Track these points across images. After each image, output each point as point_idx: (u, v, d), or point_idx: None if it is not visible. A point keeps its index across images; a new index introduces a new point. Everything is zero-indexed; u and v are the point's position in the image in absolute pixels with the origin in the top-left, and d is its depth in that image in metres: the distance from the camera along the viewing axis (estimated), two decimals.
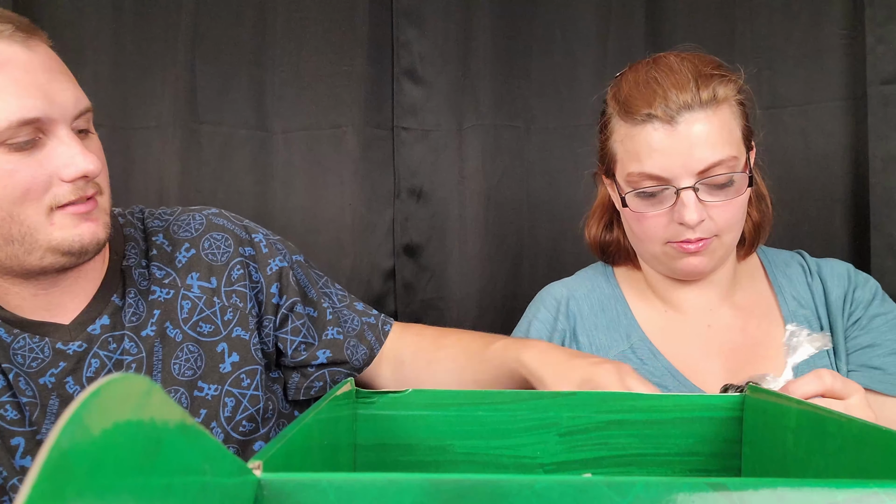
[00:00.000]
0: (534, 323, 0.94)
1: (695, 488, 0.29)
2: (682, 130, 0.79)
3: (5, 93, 0.65)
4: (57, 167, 0.68)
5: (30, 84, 0.67)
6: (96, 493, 0.20)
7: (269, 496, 0.31)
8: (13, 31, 0.67)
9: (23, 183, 0.67)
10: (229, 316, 0.82)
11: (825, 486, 0.29)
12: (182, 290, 0.82)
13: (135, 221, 0.86)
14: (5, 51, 0.66)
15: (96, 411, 0.20)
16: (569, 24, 1.32)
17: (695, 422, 0.57)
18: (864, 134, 1.18)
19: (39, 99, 0.67)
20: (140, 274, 0.81)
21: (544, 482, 0.29)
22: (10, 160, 0.66)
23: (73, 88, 0.71)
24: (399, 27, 1.33)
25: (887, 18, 1.15)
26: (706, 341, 0.90)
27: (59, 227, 0.70)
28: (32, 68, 0.67)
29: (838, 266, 0.93)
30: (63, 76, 0.71)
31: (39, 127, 0.67)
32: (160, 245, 0.84)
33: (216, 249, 0.84)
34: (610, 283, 0.97)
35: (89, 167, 0.68)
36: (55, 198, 0.69)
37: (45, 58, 0.70)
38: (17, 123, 0.65)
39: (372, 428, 0.57)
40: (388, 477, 0.30)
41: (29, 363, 0.75)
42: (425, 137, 1.33)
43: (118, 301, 0.79)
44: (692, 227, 0.81)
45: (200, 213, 0.87)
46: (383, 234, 1.34)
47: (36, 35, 0.70)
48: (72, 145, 0.68)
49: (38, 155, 0.68)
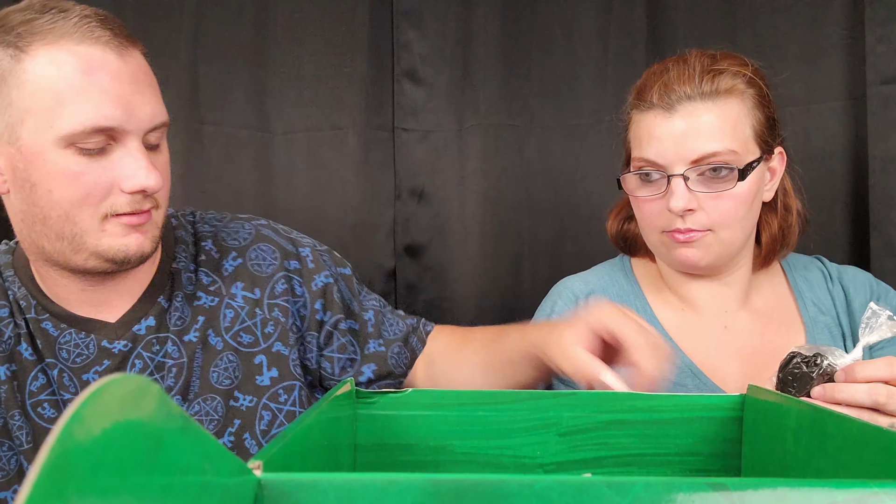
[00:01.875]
0: (552, 317, 0.92)
1: (695, 488, 0.29)
2: (680, 119, 0.81)
3: (88, 97, 0.66)
4: (120, 177, 0.69)
5: (113, 93, 0.67)
6: (97, 492, 0.20)
7: (269, 496, 0.31)
8: (110, 38, 0.68)
9: (85, 186, 0.68)
10: (270, 329, 0.82)
11: (825, 487, 0.29)
12: (226, 298, 0.82)
13: (186, 224, 0.86)
14: (98, 56, 0.67)
15: (97, 411, 0.20)
16: (569, 24, 1.32)
17: (695, 422, 0.57)
18: (864, 134, 1.18)
19: (119, 109, 0.68)
20: (188, 278, 0.82)
21: (544, 482, 0.29)
22: (77, 162, 0.67)
23: (155, 102, 0.72)
24: (399, 28, 1.33)
25: (887, 18, 1.15)
26: (723, 342, 0.90)
27: (108, 234, 0.70)
28: (120, 77, 0.68)
29: (860, 274, 0.94)
30: (148, 89, 0.72)
31: (112, 135, 0.68)
32: (209, 251, 0.84)
33: (262, 261, 0.84)
34: (628, 279, 0.95)
35: (150, 183, 0.69)
36: (112, 206, 0.70)
37: (136, 68, 0.71)
38: (91, 129, 0.66)
39: (372, 428, 0.57)
40: (388, 477, 0.30)
41: (74, 358, 0.76)
42: (426, 138, 1.34)
43: (164, 303, 0.80)
44: (679, 215, 0.82)
45: (250, 223, 0.87)
46: (385, 234, 1.34)
47: (132, 45, 0.71)
48: (139, 158, 0.69)
49: (105, 161, 0.69)
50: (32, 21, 0.67)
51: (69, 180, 0.67)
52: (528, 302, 1.32)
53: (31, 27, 0.66)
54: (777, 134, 0.87)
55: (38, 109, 0.66)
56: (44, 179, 0.68)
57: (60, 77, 0.66)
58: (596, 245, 1.29)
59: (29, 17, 0.67)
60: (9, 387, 0.74)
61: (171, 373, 0.78)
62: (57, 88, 0.66)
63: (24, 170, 0.68)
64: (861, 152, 1.20)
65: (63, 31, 0.67)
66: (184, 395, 0.78)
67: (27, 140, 0.67)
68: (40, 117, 0.66)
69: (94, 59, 0.67)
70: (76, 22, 0.67)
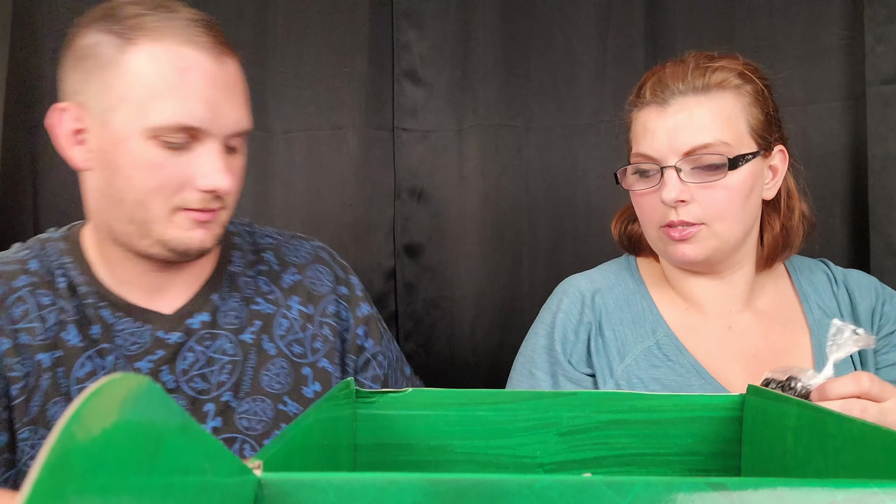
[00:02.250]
0: (559, 315, 0.92)
1: (694, 488, 0.29)
2: (673, 113, 0.84)
3: (178, 96, 0.70)
4: (196, 174, 0.73)
5: (203, 95, 0.71)
6: (97, 491, 0.20)
7: (269, 496, 0.31)
8: (210, 44, 0.72)
9: (162, 177, 0.72)
10: (318, 345, 0.86)
11: (825, 486, 0.29)
12: (283, 308, 0.86)
13: (243, 233, 0.91)
14: (195, 58, 0.71)
15: (97, 410, 0.20)
16: (568, 24, 1.32)
17: (695, 421, 0.57)
18: (864, 134, 1.18)
19: (205, 111, 0.71)
20: (246, 282, 0.86)
21: (544, 482, 0.29)
22: (159, 154, 0.71)
23: (240, 109, 0.75)
24: (399, 28, 1.33)
25: (887, 18, 1.15)
26: (727, 343, 0.90)
27: (175, 226, 0.74)
28: (212, 81, 0.72)
29: (865, 278, 0.94)
30: (237, 96, 0.75)
31: (195, 134, 0.72)
32: (270, 263, 0.89)
33: (318, 281, 0.89)
34: (634, 278, 0.95)
35: (222, 185, 0.73)
36: (183, 200, 0.73)
37: (229, 75, 0.74)
38: (176, 126, 0.70)
39: (372, 428, 0.57)
40: (387, 477, 0.30)
41: (128, 346, 0.79)
42: (425, 138, 1.34)
43: (218, 301, 0.83)
44: (672, 206, 0.83)
45: (309, 243, 0.93)
46: (384, 234, 1.34)
47: (230, 53, 0.75)
48: (216, 160, 0.73)
49: (184, 157, 0.72)
50: (142, 17, 0.71)
51: (149, 170, 0.71)
52: (526, 301, 1.32)
53: (140, 22, 0.71)
54: (777, 132, 0.88)
55: (131, 99, 0.70)
56: (126, 165, 0.72)
57: (157, 73, 0.70)
58: (595, 245, 1.29)
59: (140, 12, 0.72)
60: (51, 374, 0.76)
61: (224, 369, 0.81)
62: (152, 83, 0.70)
63: (109, 152, 0.72)
64: (860, 152, 1.20)
65: (168, 30, 0.71)
66: (235, 392, 0.81)
67: (117, 126, 0.71)
68: (132, 107, 0.70)
69: (190, 60, 0.71)
70: (181, 24, 0.72)
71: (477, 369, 1.31)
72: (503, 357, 1.28)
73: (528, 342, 0.95)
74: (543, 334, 0.92)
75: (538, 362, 0.91)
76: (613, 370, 0.88)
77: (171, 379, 0.79)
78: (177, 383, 0.80)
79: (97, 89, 0.72)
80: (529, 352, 0.93)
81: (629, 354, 0.89)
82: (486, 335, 1.33)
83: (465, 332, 1.33)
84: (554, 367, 0.90)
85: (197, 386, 0.80)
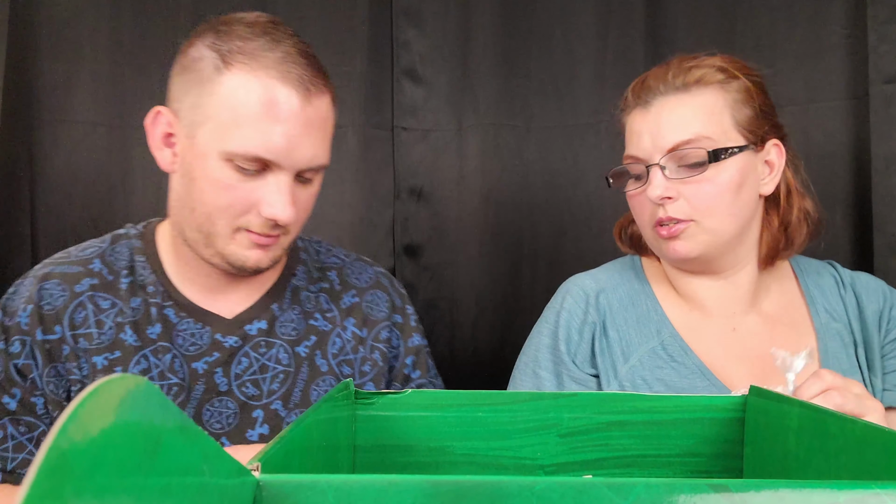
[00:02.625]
0: (562, 314, 0.92)
1: (696, 489, 0.29)
2: (654, 112, 0.85)
3: (259, 128, 0.73)
4: (262, 201, 0.75)
5: (282, 131, 0.73)
6: (95, 492, 0.19)
7: (267, 497, 0.30)
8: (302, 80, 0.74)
9: (231, 198, 0.75)
10: (367, 368, 0.88)
11: (827, 487, 0.29)
12: (338, 327, 0.89)
13: (311, 249, 0.94)
14: (284, 95, 0.73)
15: (95, 411, 0.20)
16: (568, 24, 1.32)
17: (696, 423, 0.57)
18: (867, 133, 1.18)
19: (282, 146, 0.74)
20: (307, 297, 0.89)
21: (544, 483, 0.29)
22: (232, 176, 0.74)
23: (318, 148, 0.78)
24: (399, 27, 1.32)
25: (890, 17, 1.15)
26: (732, 344, 0.89)
27: (235, 243, 0.78)
28: (294, 118, 0.74)
29: (873, 281, 0.94)
30: (318, 133, 0.77)
31: (267, 164, 0.75)
32: (332, 282, 0.92)
33: (375, 306, 0.91)
34: (640, 279, 0.95)
35: (284, 218, 0.75)
36: (247, 222, 0.77)
37: (314, 113, 0.76)
38: (251, 156, 0.73)
39: (371, 429, 0.57)
40: (387, 478, 0.30)
41: (188, 346, 0.82)
42: (425, 137, 1.33)
43: (277, 311, 0.86)
44: (658, 204, 0.84)
45: (372, 269, 0.96)
46: (384, 234, 1.33)
47: (322, 90, 0.77)
48: (284, 192, 0.75)
49: (255, 183, 0.75)
50: (246, 41, 0.74)
51: (220, 189, 0.75)
52: (526, 301, 1.32)
53: (243, 47, 0.74)
54: (769, 127, 0.87)
55: (217, 120, 0.74)
56: (201, 178, 0.75)
57: (245, 103, 0.73)
58: (595, 245, 1.29)
59: (246, 35, 0.75)
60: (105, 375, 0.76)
61: (277, 378, 0.83)
62: (238, 111, 0.73)
63: (190, 163, 0.76)
64: (863, 152, 1.20)
65: (266, 62, 0.74)
66: (284, 402, 0.83)
67: (200, 141, 0.75)
68: (217, 128, 0.74)
69: (279, 95, 0.73)
70: (279, 57, 0.74)
71: (477, 370, 1.31)
72: (503, 357, 1.28)
73: (531, 341, 0.94)
74: (547, 333, 0.92)
75: (542, 362, 0.90)
76: (618, 371, 0.88)
77: (224, 382, 0.82)
78: (229, 386, 0.82)
79: (192, 102, 0.75)
80: (533, 351, 0.92)
81: (633, 355, 0.88)
82: (487, 335, 1.33)
83: (465, 333, 1.33)
84: (558, 366, 0.89)
85: (248, 391, 0.83)
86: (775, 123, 0.89)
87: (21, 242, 1.23)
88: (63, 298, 0.80)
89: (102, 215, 1.27)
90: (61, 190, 1.25)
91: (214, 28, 0.77)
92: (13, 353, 0.78)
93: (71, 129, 1.26)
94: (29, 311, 0.78)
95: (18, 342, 0.78)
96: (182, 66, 0.78)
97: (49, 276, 0.81)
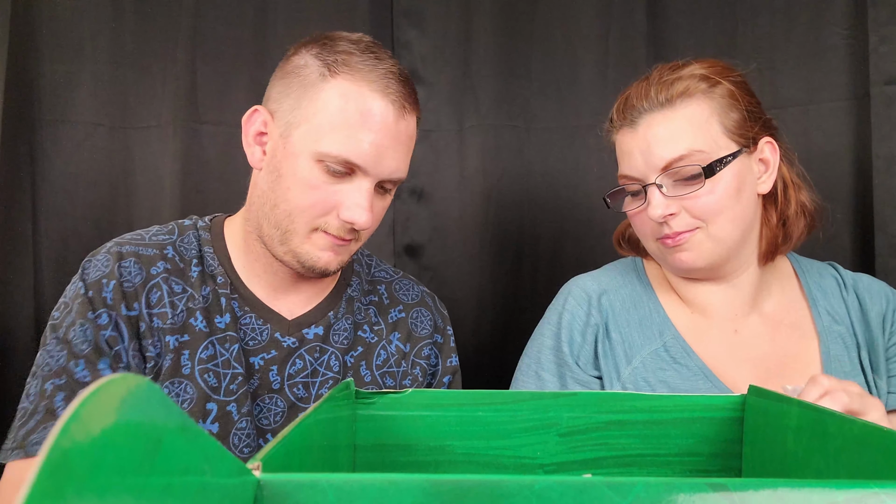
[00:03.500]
0: (564, 315, 0.91)
1: (695, 489, 0.29)
2: (642, 132, 0.85)
3: (352, 135, 0.77)
4: (342, 204, 0.79)
5: (374, 141, 0.78)
6: (96, 492, 0.19)
7: (268, 496, 0.30)
8: (398, 97, 0.79)
9: (314, 197, 0.79)
10: (407, 382, 0.91)
11: (826, 487, 0.29)
12: (384, 340, 0.92)
13: (363, 262, 0.98)
14: (380, 108, 0.78)
15: (97, 410, 0.20)
16: (569, 24, 1.32)
17: (695, 422, 0.57)
18: (867, 134, 1.18)
19: (371, 155, 0.78)
20: (359, 308, 0.92)
21: (544, 483, 0.29)
22: (319, 177, 0.78)
23: (402, 161, 0.82)
24: (399, 27, 1.33)
25: (890, 18, 1.15)
26: (734, 346, 0.89)
27: (310, 243, 0.81)
28: (386, 130, 0.79)
29: (876, 283, 0.93)
30: (403, 148, 0.82)
31: (353, 169, 0.78)
32: (382, 295, 0.95)
33: (419, 323, 0.95)
34: (642, 281, 0.95)
35: (359, 221, 0.79)
36: (325, 223, 0.80)
37: (403, 129, 0.81)
38: (341, 160, 0.77)
39: (371, 428, 0.57)
40: (387, 477, 0.30)
41: (248, 340, 0.84)
42: (426, 138, 1.33)
43: (332, 318, 0.89)
44: (659, 223, 0.84)
45: (418, 287, 0.99)
46: (384, 234, 1.34)
47: (411, 110, 0.82)
48: (363, 198, 0.79)
49: (338, 185, 0.79)
50: (351, 55, 0.79)
51: (306, 187, 0.78)
52: (527, 302, 1.32)
53: (348, 59, 0.79)
54: (759, 126, 0.87)
55: (314, 123, 0.78)
56: (289, 177, 0.79)
57: (343, 109, 0.77)
58: (595, 245, 1.29)
59: (351, 50, 0.79)
60: (175, 356, 0.80)
61: (326, 383, 0.86)
62: (336, 115, 0.77)
63: (280, 162, 0.80)
64: (864, 152, 1.20)
65: (368, 75, 0.78)
66: None
67: (294, 141, 0.79)
68: (312, 130, 0.78)
69: (375, 108, 0.78)
70: (380, 74, 0.79)
71: (478, 370, 1.31)
72: (504, 357, 1.28)
73: (533, 343, 0.94)
74: (550, 335, 0.91)
75: (545, 363, 0.90)
76: (620, 373, 0.87)
77: (278, 380, 0.84)
78: (281, 385, 0.84)
79: (291, 105, 0.80)
80: (535, 353, 0.92)
81: (636, 357, 0.88)
82: (487, 335, 1.33)
83: (466, 333, 1.33)
84: (562, 368, 0.89)
85: (298, 392, 0.85)
86: (765, 121, 0.88)
87: (22, 242, 1.23)
88: (140, 277, 0.82)
89: (103, 215, 1.27)
90: (62, 190, 1.25)
91: (319, 41, 0.82)
92: (101, 325, 0.79)
93: (72, 130, 1.26)
94: (112, 287, 0.80)
95: (106, 315, 0.79)
96: (285, 71, 0.83)
97: (125, 254, 0.83)
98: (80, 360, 0.77)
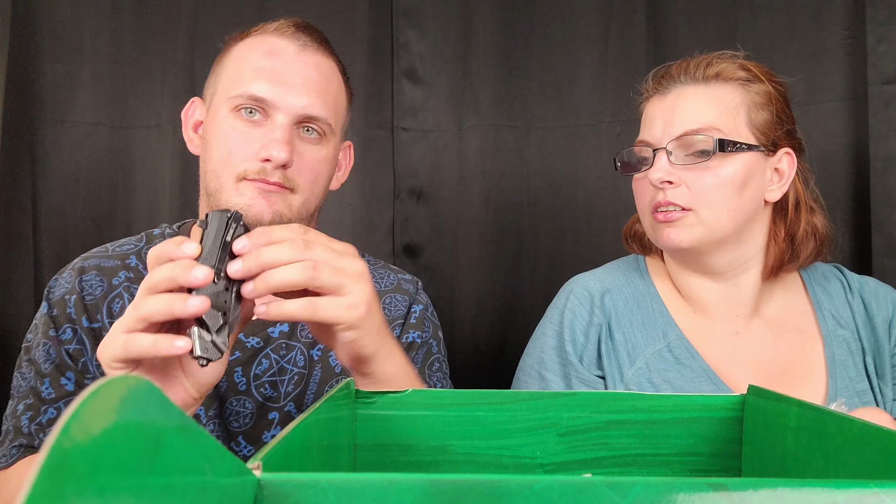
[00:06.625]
0: (567, 314, 0.90)
1: (695, 488, 0.29)
2: (671, 100, 0.86)
3: (257, 72, 0.79)
4: (259, 145, 0.78)
5: (277, 72, 0.79)
6: (96, 492, 0.19)
7: (268, 496, 0.30)
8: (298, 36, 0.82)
9: (231, 144, 0.79)
10: None
11: (825, 487, 0.29)
12: None
13: None
14: (281, 45, 0.81)
15: (97, 410, 0.20)
16: (569, 24, 1.32)
17: (695, 422, 0.57)
18: (866, 134, 1.18)
19: (276, 86, 0.79)
20: None
21: (544, 482, 0.29)
22: (234, 124, 0.79)
23: (314, 97, 0.81)
24: (399, 27, 1.33)
25: (889, 18, 1.15)
26: (736, 348, 0.89)
27: (238, 194, 0.79)
28: (290, 63, 0.80)
29: (882, 288, 0.93)
30: (315, 84, 0.82)
31: (265, 109, 0.79)
32: None
33: (393, 308, 0.92)
34: (644, 280, 0.94)
35: (274, 154, 0.77)
36: (245, 170, 0.79)
37: (312, 65, 0.82)
38: (247, 96, 0.79)
39: (371, 428, 0.57)
40: (387, 477, 0.30)
41: None
42: (425, 138, 1.33)
43: None
44: (658, 187, 0.84)
45: (395, 275, 0.96)
46: (383, 234, 1.34)
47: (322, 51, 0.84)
48: (277, 133, 0.79)
49: (255, 131, 0.79)
50: (262, 27, 0.84)
51: (224, 139, 0.79)
52: (527, 302, 1.32)
53: (255, 29, 0.84)
54: (784, 134, 0.87)
55: (224, 79, 0.82)
56: (211, 136, 0.81)
57: (247, 57, 0.81)
58: (595, 245, 1.29)
59: (262, 26, 0.84)
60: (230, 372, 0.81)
61: (292, 380, 0.84)
62: (241, 64, 0.81)
63: (206, 129, 0.83)
64: (862, 153, 1.20)
65: (268, 28, 0.83)
66: (297, 404, 0.84)
67: (215, 105, 0.82)
68: (225, 85, 0.81)
69: (276, 46, 0.81)
70: (280, 23, 0.83)
71: (477, 369, 1.31)
72: (504, 357, 1.28)
73: (534, 343, 0.93)
74: (552, 335, 0.91)
75: (548, 364, 0.89)
76: (624, 373, 0.87)
77: (244, 381, 0.83)
78: (248, 386, 0.83)
79: (213, 80, 0.84)
80: (538, 353, 0.91)
81: (640, 357, 0.88)
82: (487, 335, 1.33)
83: (466, 333, 1.33)
84: (566, 368, 0.88)
85: (266, 392, 0.83)
86: (791, 133, 0.88)
87: (22, 242, 1.23)
88: (101, 289, 0.82)
89: (103, 215, 1.27)
90: (62, 190, 1.25)
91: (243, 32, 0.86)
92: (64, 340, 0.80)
93: (72, 130, 1.26)
94: (73, 301, 0.81)
95: (70, 329, 0.80)
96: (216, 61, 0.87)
97: (87, 268, 0.84)
98: (45, 379, 0.79)
